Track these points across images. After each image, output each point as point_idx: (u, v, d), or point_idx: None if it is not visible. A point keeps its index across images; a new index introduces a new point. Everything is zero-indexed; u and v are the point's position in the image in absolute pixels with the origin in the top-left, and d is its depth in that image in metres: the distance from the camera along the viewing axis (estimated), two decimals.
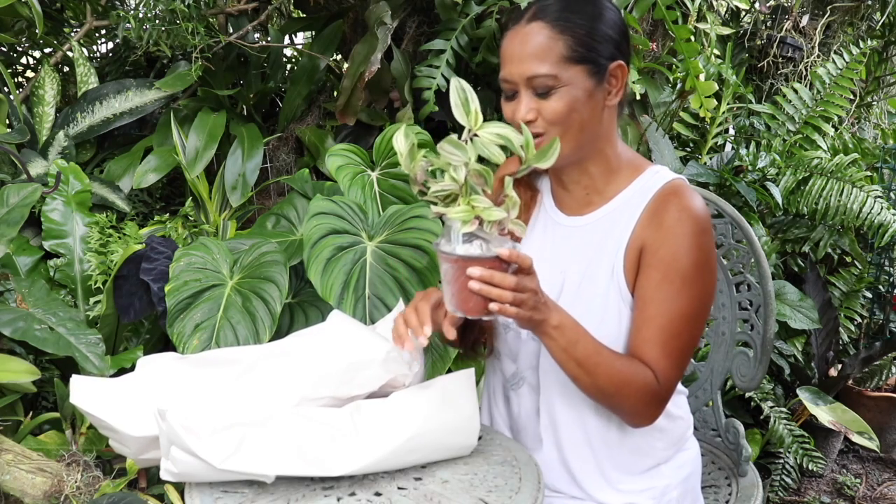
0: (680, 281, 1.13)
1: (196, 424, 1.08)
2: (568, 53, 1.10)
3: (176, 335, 1.75)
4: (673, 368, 1.15)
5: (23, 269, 2.01)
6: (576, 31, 1.11)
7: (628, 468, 1.25)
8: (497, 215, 0.95)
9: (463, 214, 0.94)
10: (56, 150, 2.27)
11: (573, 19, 1.11)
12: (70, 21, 2.83)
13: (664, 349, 1.14)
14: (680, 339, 1.14)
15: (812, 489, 2.56)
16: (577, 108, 1.12)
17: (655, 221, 1.15)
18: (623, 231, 1.18)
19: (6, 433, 1.79)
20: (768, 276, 1.51)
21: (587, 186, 1.22)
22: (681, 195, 1.15)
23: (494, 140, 0.94)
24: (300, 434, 1.12)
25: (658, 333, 1.14)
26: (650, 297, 1.14)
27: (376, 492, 1.08)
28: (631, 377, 1.12)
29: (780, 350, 2.50)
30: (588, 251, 1.21)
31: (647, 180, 1.20)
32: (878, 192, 2.47)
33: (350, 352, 1.16)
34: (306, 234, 1.83)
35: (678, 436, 1.30)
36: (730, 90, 2.58)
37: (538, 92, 1.12)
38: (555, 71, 1.10)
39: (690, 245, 1.13)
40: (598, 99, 1.14)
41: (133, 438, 1.13)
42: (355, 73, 2.28)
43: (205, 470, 1.06)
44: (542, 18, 1.12)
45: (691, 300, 1.14)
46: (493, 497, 1.08)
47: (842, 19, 3.13)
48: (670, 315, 1.13)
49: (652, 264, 1.14)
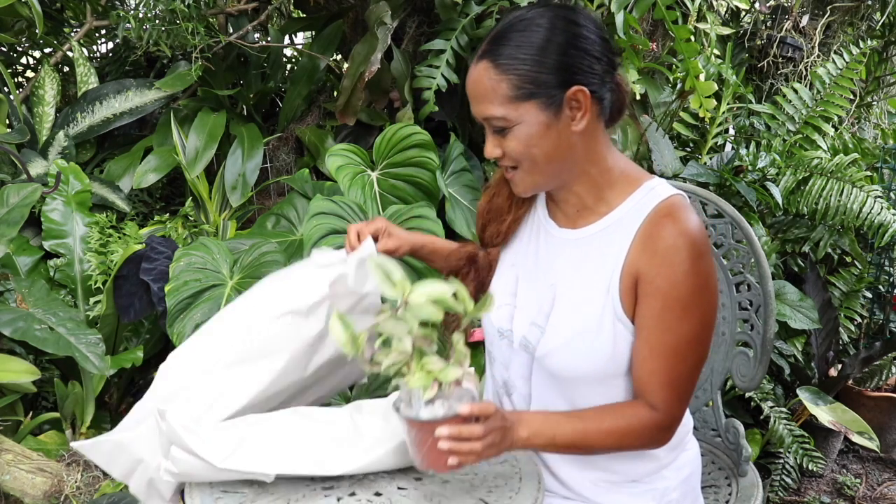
0: (680, 309, 1.11)
1: (196, 424, 1.08)
2: (513, 93, 1.07)
3: (176, 335, 1.75)
4: (679, 395, 1.15)
5: (23, 269, 2.01)
6: (519, 69, 1.07)
7: (628, 474, 1.25)
8: (454, 375, 0.96)
9: (422, 381, 0.95)
10: (56, 150, 2.27)
11: (517, 55, 1.07)
12: (70, 21, 2.83)
13: (669, 376, 1.13)
14: (685, 364, 1.14)
15: (812, 489, 2.56)
16: (535, 143, 1.10)
17: (650, 247, 1.12)
18: (618, 251, 1.15)
19: (6, 433, 1.79)
20: (768, 276, 1.51)
21: (576, 204, 1.20)
22: (675, 217, 1.11)
23: (427, 303, 0.94)
24: (300, 433, 1.12)
25: (663, 363, 1.13)
26: (652, 326, 1.13)
27: (376, 492, 1.08)
28: (626, 428, 1.13)
29: (780, 350, 2.50)
30: (581, 266, 1.19)
31: (643, 197, 1.16)
32: (878, 192, 2.47)
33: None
34: (306, 234, 1.83)
35: (679, 439, 1.29)
36: (730, 90, 2.58)
37: (497, 130, 1.11)
38: (502, 112, 1.09)
39: (687, 271, 1.09)
40: (561, 128, 1.10)
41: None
42: (355, 73, 2.28)
43: (205, 470, 1.06)
44: (487, 57, 1.09)
45: (693, 325, 1.12)
46: (493, 497, 1.08)
47: (842, 19, 3.13)
48: (674, 343, 1.12)
49: (650, 293, 1.12)
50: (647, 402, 1.15)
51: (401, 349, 0.95)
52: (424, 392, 0.96)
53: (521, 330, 1.24)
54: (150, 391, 1.18)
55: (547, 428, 1.10)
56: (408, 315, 0.94)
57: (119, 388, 2.06)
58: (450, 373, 0.96)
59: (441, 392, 0.97)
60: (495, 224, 1.31)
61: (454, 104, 2.37)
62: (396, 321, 0.94)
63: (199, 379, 1.16)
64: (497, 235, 1.31)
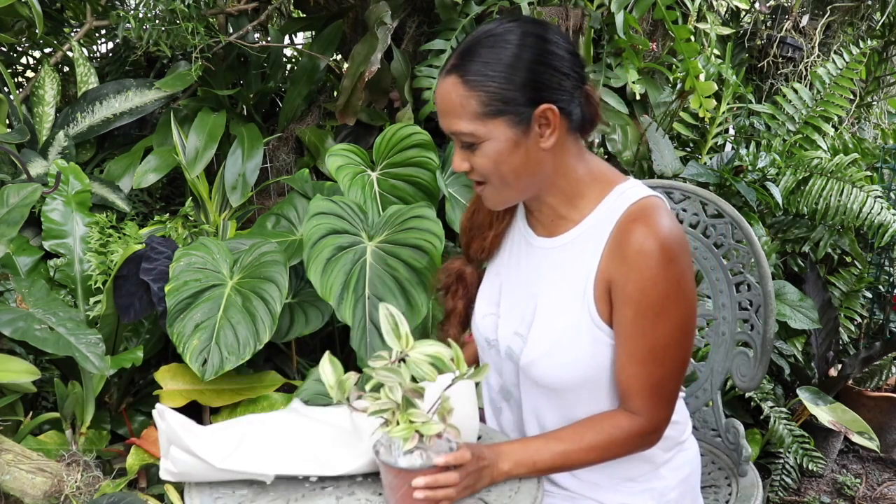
0: (653, 314, 1.10)
1: (195, 424, 1.08)
2: (482, 110, 1.06)
3: (176, 335, 1.75)
4: (660, 399, 1.14)
5: (23, 269, 2.01)
6: (487, 86, 1.05)
7: (625, 474, 1.25)
8: (435, 429, 1.00)
9: (404, 432, 0.99)
10: (56, 150, 2.27)
11: (485, 71, 1.06)
12: (70, 21, 2.83)
13: (648, 381, 1.13)
14: (664, 368, 1.12)
15: (812, 489, 2.56)
16: (504, 160, 1.10)
17: (620, 253, 1.10)
18: (591, 258, 1.15)
19: (6, 433, 1.79)
20: (768, 276, 1.51)
21: (550, 214, 1.20)
22: (644, 220, 1.09)
23: (425, 360, 0.98)
24: (300, 433, 1.12)
25: (641, 369, 1.12)
26: (628, 333, 1.12)
27: (376, 492, 1.08)
28: (607, 441, 1.14)
29: (780, 350, 2.50)
30: (559, 275, 1.19)
31: (614, 202, 1.15)
32: (878, 192, 2.47)
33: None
34: (306, 234, 1.83)
35: (675, 439, 1.30)
36: (730, 90, 2.58)
37: (465, 145, 1.11)
38: (471, 129, 1.08)
39: (655, 276, 1.08)
40: (529, 145, 1.09)
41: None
42: (355, 73, 2.28)
43: (204, 469, 1.06)
44: (456, 72, 1.08)
45: (668, 329, 1.11)
46: (493, 497, 1.08)
47: (842, 19, 3.13)
48: (650, 348, 1.11)
49: (623, 300, 1.11)
50: (629, 407, 1.15)
51: (391, 398, 0.99)
52: (405, 443, 1.00)
53: (506, 340, 1.25)
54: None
55: (526, 457, 1.12)
56: (404, 368, 0.98)
57: (119, 388, 2.06)
58: (432, 427, 1.00)
59: (421, 443, 1.01)
60: (479, 240, 1.31)
61: None
62: (392, 372, 0.98)
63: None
64: (482, 251, 1.32)
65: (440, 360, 0.99)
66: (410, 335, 1.00)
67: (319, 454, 1.09)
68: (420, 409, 1.01)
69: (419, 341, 1.00)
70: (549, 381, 1.18)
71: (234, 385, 1.87)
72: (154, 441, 1.81)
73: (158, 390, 1.87)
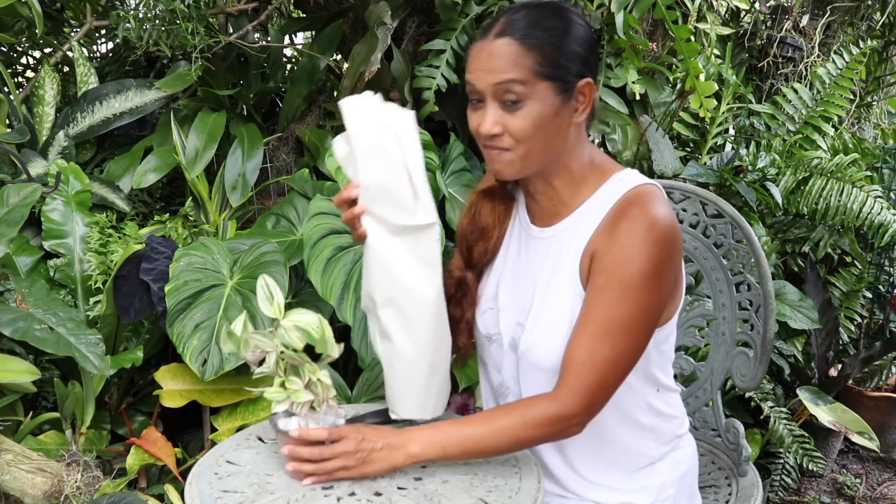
0: (622, 289, 1.09)
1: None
2: (536, 68, 1.08)
3: (176, 335, 1.75)
4: (594, 381, 1.10)
5: (23, 269, 2.01)
6: (543, 48, 1.08)
7: (621, 468, 1.25)
8: (304, 398, 1.09)
9: (275, 395, 1.09)
10: (56, 150, 2.27)
11: (541, 36, 1.09)
12: (70, 21, 2.83)
13: (592, 357, 1.09)
14: (613, 349, 1.09)
15: (812, 489, 2.56)
16: (543, 126, 1.10)
17: (609, 230, 1.12)
18: (582, 239, 1.16)
19: (6, 433, 1.79)
20: (768, 276, 1.51)
21: (552, 198, 1.21)
22: (641, 203, 1.11)
23: (292, 329, 1.06)
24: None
25: (589, 341, 1.10)
26: (590, 302, 1.11)
27: (376, 492, 1.08)
28: (519, 423, 1.10)
29: (780, 350, 2.50)
30: (556, 262, 1.19)
31: (611, 188, 1.17)
32: (878, 192, 2.47)
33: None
34: (306, 234, 1.83)
35: (671, 434, 1.30)
36: (730, 90, 2.58)
37: (506, 104, 1.10)
38: (524, 80, 1.08)
39: (638, 254, 1.08)
40: (565, 116, 1.12)
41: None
42: (355, 73, 2.28)
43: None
44: (509, 35, 1.09)
45: (631, 309, 1.09)
46: (493, 497, 1.08)
47: (842, 19, 3.13)
48: (606, 322, 1.09)
49: (598, 270, 1.11)
50: (563, 386, 1.11)
51: (269, 362, 1.08)
52: (276, 404, 1.09)
53: (509, 332, 1.25)
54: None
55: (435, 440, 1.10)
56: (276, 336, 1.06)
57: (119, 388, 2.06)
58: (301, 395, 1.09)
59: (304, 411, 1.10)
60: (482, 243, 1.30)
61: (454, 104, 2.37)
62: (266, 337, 1.07)
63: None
64: (485, 254, 1.31)
65: (307, 331, 1.05)
66: (283, 305, 1.07)
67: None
68: (298, 379, 1.09)
69: (291, 310, 1.07)
70: (547, 363, 1.17)
71: (234, 385, 1.87)
72: (154, 441, 1.81)
73: (158, 390, 1.87)
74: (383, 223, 1.13)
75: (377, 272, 1.15)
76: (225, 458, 1.17)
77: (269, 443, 1.23)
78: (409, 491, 1.09)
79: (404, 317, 1.16)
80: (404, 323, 1.16)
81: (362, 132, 1.10)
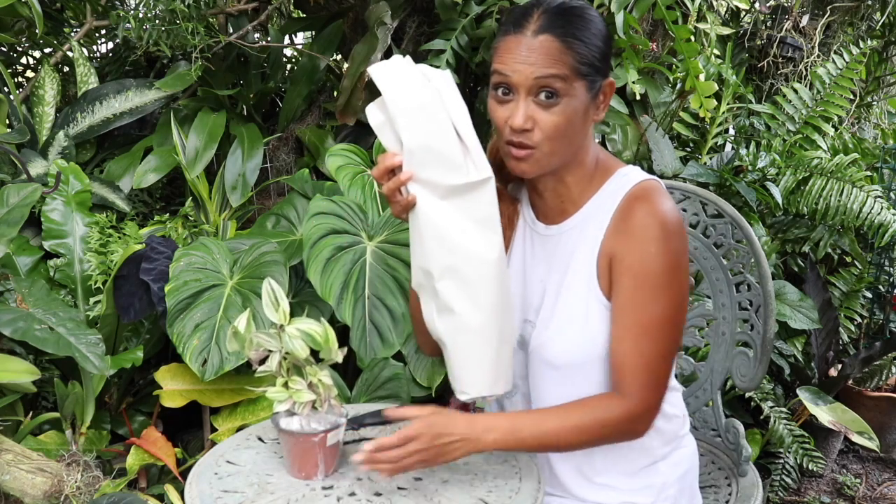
0: (651, 288, 1.12)
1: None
2: (575, 66, 1.10)
3: (176, 335, 1.75)
4: (651, 380, 1.14)
5: (23, 269, 2.01)
6: (580, 49, 1.10)
7: (624, 468, 1.25)
8: (306, 398, 1.10)
9: (277, 395, 1.11)
10: (56, 150, 2.27)
11: (579, 35, 1.10)
12: (70, 21, 2.83)
13: (642, 359, 1.13)
14: (657, 347, 1.14)
15: (812, 489, 2.56)
16: (573, 121, 1.12)
17: (622, 228, 1.14)
18: (594, 237, 1.18)
19: (6, 433, 1.79)
20: (768, 276, 1.51)
21: (562, 195, 1.22)
22: (647, 199, 1.14)
23: (298, 335, 1.07)
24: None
25: (634, 346, 1.13)
26: (624, 306, 1.14)
27: (376, 492, 1.08)
28: (595, 421, 1.13)
29: (780, 350, 2.50)
30: (566, 259, 1.21)
31: (616, 183, 1.19)
32: (878, 192, 2.47)
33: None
34: (306, 234, 1.83)
35: (674, 433, 1.30)
36: (730, 90, 2.58)
37: (540, 100, 1.10)
38: (564, 76, 1.09)
39: (658, 250, 1.12)
40: (589, 114, 1.15)
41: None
42: (355, 73, 2.28)
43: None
44: (550, 31, 1.10)
45: (664, 306, 1.13)
46: (493, 497, 1.08)
47: (842, 19, 3.13)
48: (645, 323, 1.13)
49: (623, 272, 1.14)
50: (621, 389, 1.14)
51: (272, 363, 1.10)
52: (277, 404, 1.10)
53: (517, 329, 1.25)
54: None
55: (515, 431, 1.11)
56: (281, 339, 1.08)
57: (119, 388, 2.06)
58: (303, 395, 1.10)
59: (305, 411, 1.11)
60: None
61: None
62: (271, 337, 1.08)
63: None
64: None
65: (311, 336, 1.07)
66: (288, 311, 1.09)
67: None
68: (301, 379, 1.11)
69: (296, 318, 1.09)
70: (559, 360, 1.19)
71: (234, 385, 1.87)
72: (154, 441, 1.81)
73: (158, 390, 1.87)
74: (433, 188, 1.07)
75: (430, 242, 1.09)
76: (225, 458, 1.17)
77: (269, 443, 1.23)
78: (409, 491, 1.09)
79: (466, 283, 1.09)
80: (467, 290, 1.09)
81: (399, 95, 1.05)
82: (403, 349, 1.85)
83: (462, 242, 1.08)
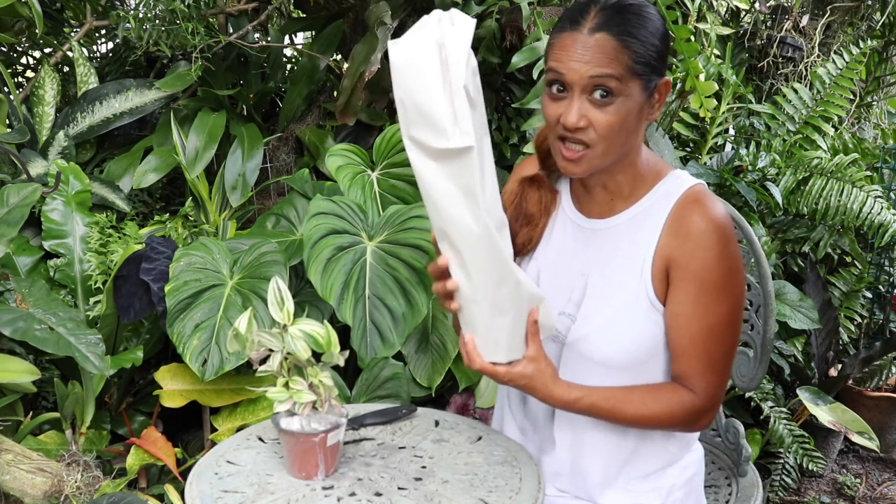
0: (716, 291, 1.14)
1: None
2: (631, 66, 1.08)
3: (176, 335, 1.75)
4: (718, 378, 1.18)
5: (23, 269, 2.01)
6: (636, 48, 1.09)
7: (639, 469, 1.25)
8: (307, 398, 1.11)
9: (277, 395, 1.11)
10: (56, 150, 2.27)
11: (636, 34, 1.09)
12: (70, 21, 2.83)
13: (709, 360, 1.16)
14: (723, 346, 1.17)
15: (812, 489, 2.56)
16: (628, 123, 1.11)
17: (682, 232, 1.15)
18: (649, 238, 1.18)
19: (6, 433, 1.79)
20: (768, 276, 1.51)
21: (612, 192, 1.22)
22: (703, 203, 1.16)
23: (300, 336, 1.09)
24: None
25: (702, 349, 1.16)
26: (689, 312, 1.15)
27: (376, 492, 1.08)
28: (668, 412, 1.17)
29: (780, 350, 2.50)
30: (613, 255, 1.20)
31: (670, 185, 1.20)
32: (878, 192, 2.47)
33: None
34: (306, 234, 1.83)
35: (688, 438, 1.30)
36: (730, 90, 2.58)
37: (595, 99, 1.09)
38: (620, 75, 1.08)
39: (719, 254, 1.13)
40: (644, 114, 1.14)
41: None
42: (355, 73, 2.28)
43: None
44: (606, 30, 1.09)
45: (727, 308, 1.16)
46: (493, 497, 1.08)
47: (842, 19, 3.13)
48: (711, 326, 1.15)
49: (685, 278, 1.15)
50: (688, 387, 1.17)
51: (273, 363, 1.10)
52: (278, 404, 1.11)
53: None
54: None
55: (591, 394, 1.16)
56: (284, 340, 1.09)
57: (119, 388, 2.06)
58: (304, 395, 1.10)
59: (306, 411, 1.12)
60: (527, 230, 1.29)
61: None
62: (274, 336, 1.09)
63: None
64: (529, 242, 1.30)
65: (313, 338, 1.09)
66: (292, 311, 1.09)
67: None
68: (302, 379, 1.11)
69: (299, 318, 1.10)
70: (599, 357, 1.19)
71: (234, 385, 1.87)
72: (154, 441, 1.81)
73: (158, 390, 1.87)
74: (423, 147, 1.03)
75: (428, 202, 1.06)
76: (225, 458, 1.17)
77: (269, 443, 1.23)
78: (409, 491, 1.09)
79: (457, 251, 1.07)
80: (459, 258, 1.07)
81: (400, 46, 1.02)
82: (403, 349, 1.85)
83: (448, 208, 1.04)
